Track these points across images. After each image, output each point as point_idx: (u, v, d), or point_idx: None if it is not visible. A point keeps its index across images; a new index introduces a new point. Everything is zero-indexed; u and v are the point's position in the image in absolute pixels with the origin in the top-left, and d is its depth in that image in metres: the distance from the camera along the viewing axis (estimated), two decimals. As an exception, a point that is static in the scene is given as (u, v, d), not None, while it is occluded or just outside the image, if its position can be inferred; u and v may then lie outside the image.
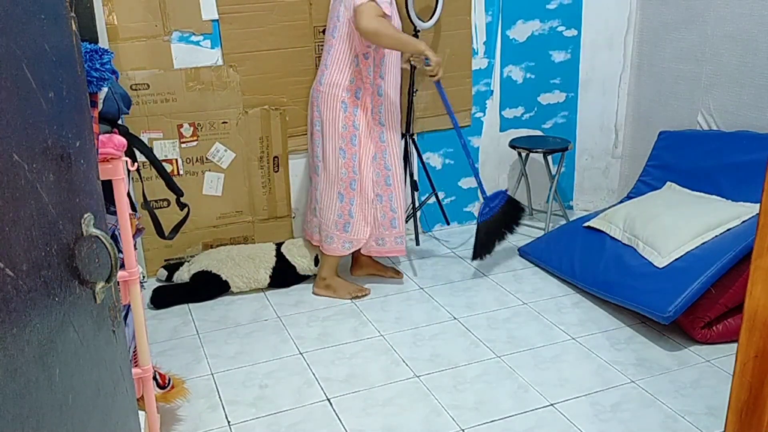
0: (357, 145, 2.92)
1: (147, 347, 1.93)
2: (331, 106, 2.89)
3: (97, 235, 1.09)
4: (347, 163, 2.94)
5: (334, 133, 2.91)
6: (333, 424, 2.25)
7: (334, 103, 2.89)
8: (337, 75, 2.88)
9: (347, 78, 2.87)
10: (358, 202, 2.99)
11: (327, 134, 2.93)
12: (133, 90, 3.03)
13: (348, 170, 2.95)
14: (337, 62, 2.88)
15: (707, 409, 2.27)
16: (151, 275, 3.28)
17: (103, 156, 1.68)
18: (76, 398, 1.01)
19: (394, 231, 3.09)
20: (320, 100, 2.92)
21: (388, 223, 3.07)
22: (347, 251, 3.07)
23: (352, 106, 2.89)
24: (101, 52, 1.77)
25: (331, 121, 2.91)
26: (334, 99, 2.88)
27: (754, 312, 1.37)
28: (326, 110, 2.91)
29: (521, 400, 2.35)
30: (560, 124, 3.90)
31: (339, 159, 2.94)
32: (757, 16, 3.04)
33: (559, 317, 2.89)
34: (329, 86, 2.89)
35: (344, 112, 2.89)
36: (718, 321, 2.64)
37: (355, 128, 2.91)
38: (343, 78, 2.87)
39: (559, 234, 3.43)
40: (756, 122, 3.11)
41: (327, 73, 2.90)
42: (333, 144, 2.93)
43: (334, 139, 2.92)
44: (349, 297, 3.09)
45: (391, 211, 3.06)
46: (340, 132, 2.90)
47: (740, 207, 2.87)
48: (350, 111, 2.89)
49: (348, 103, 2.88)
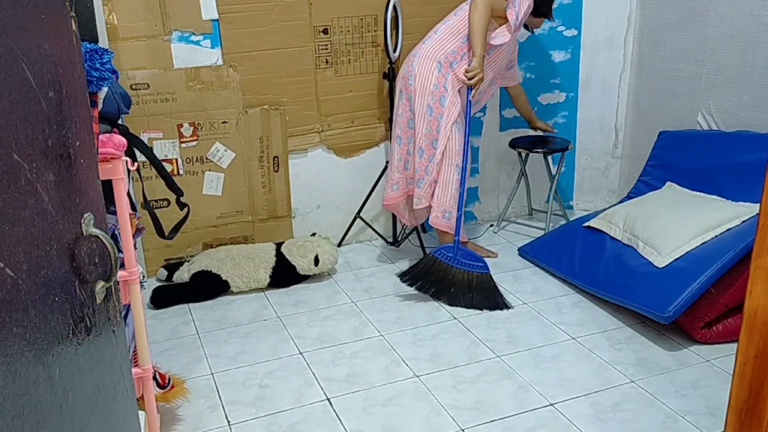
0: (444, 105, 3.07)
1: (147, 347, 1.93)
2: (427, 66, 3.08)
3: (97, 234, 1.09)
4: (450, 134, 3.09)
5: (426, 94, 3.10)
6: (333, 424, 2.25)
7: (430, 63, 3.08)
8: (440, 43, 3.10)
9: (451, 47, 3.08)
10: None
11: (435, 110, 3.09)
12: (133, 90, 3.03)
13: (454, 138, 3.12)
14: (448, 31, 3.11)
15: (707, 409, 2.27)
16: (151, 275, 3.29)
17: (103, 156, 1.68)
18: (76, 398, 1.01)
19: (418, 190, 3.19)
20: (417, 60, 3.10)
21: (457, 196, 3.16)
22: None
23: (445, 69, 3.07)
24: (101, 52, 1.77)
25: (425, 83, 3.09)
26: (431, 59, 3.08)
27: (754, 312, 1.37)
28: (419, 69, 3.10)
29: (521, 400, 2.35)
30: (560, 124, 3.90)
31: (428, 120, 3.10)
32: (757, 16, 3.04)
33: (559, 317, 2.89)
34: (425, 56, 3.10)
35: (438, 72, 3.06)
36: (718, 321, 2.64)
37: (445, 89, 3.07)
38: (447, 46, 3.08)
39: (559, 234, 3.43)
40: (756, 122, 3.11)
41: (434, 37, 3.13)
42: (422, 103, 3.10)
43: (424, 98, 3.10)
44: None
45: (461, 186, 3.18)
46: (431, 90, 3.07)
47: (740, 207, 2.86)
48: (443, 71, 3.06)
49: (442, 63, 3.06)
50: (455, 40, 3.08)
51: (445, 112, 3.07)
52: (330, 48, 3.35)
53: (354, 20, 3.35)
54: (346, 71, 3.41)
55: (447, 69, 3.07)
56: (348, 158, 3.56)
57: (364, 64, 3.43)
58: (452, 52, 3.08)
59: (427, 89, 3.07)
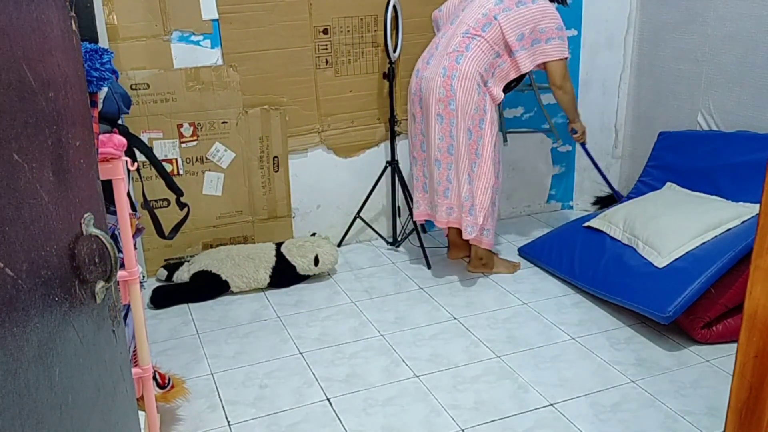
0: (483, 129, 3.02)
1: (147, 347, 1.93)
2: (468, 87, 2.97)
3: (97, 234, 1.09)
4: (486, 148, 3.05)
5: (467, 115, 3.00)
6: (333, 424, 2.25)
7: (471, 84, 2.96)
8: (473, 63, 2.96)
9: (484, 65, 2.98)
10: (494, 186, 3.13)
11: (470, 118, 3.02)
12: (133, 90, 3.03)
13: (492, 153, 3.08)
14: (479, 49, 2.96)
15: (707, 409, 2.27)
16: (151, 275, 3.29)
17: (103, 156, 1.68)
18: (75, 398, 1.01)
19: (470, 218, 3.11)
20: (457, 84, 2.96)
21: (493, 212, 3.16)
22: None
23: (483, 89, 3.00)
24: (101, 52, 1.77)
25: (466, 103, 3.00)
26: (471, 80, 2.96)
27: (754, 312, 1.37)
28: (461, 91, 2.98)
29: (521, 400, 2.35)
30: (560, 123, 3.90)
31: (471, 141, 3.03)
32: (757, 16, 3.04)
33: (559, 317, 2.89)
34: (463, 76, 2.96)
35: (478, 95, 2.97)
36: (717, 321, 2.63)
37: (485, 112, 3.01)
38: (480, 65, 2.97)
39: (559, 234, 3.42)
40: (756, 122, 3.11)
41: (467, 55, 2.96)
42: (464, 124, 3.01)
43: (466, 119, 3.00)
44: (510, 272, 3.29)
45: (496, 203, 3.17)
46: (471, 113, 3.00)
47: (740, 207, 2.86)
48: (483, 94, 3.00)
49: (480, 85, 2.99)
50: (487, 56, 2.96)
51: (486, 134, 3.01)
52: (330, 48, 3.35)
53: (354, 20, 3.35)
54: (346, 71, 3.41)
55: (484, 89, 2.99)
56: (348, 158, 3.56)
57: (364, 64, 3.43)
58: (485, 70, 2.98)
59: (468, 113, 2.98)
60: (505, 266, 3.31)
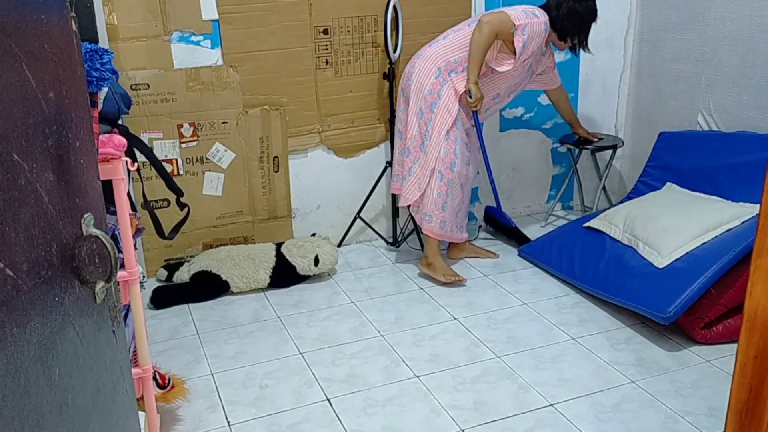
0: (435, 112, 3.05)
1: (147, 347, 1.93)
2: (426, 69, 3.06)
3: (97, 235, 1.09)
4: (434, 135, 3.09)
5: (420, 97, 3.09)
6: (333, 424, 2.25)
7: (430, 67, 3.06)
8: (448, 50, 3.06)
9: (455, 56, 3.05)
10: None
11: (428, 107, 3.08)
12: (133, 90, 3.03)
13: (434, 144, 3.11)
14: (457, 40, 3.07)
15: (707, 409, 2.27)
16: (151, 275, 3.29)
17: (103, 156, 1.68)
18: (76, 398, 1.01)
19: (443, 214, 3.18)
20: (419, 61, 3.09)
21: (440, 204, 3.16)
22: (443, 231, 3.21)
23: (443, 77, 3.04)
24: (101, 52, 1.77)
25: (420, 87, 3.08)
26: (432, 64, 3.06)
27: (754, 312, 1.37)
28: (418, 70, 3.08)
29: (521, 400, 2.35)
30: (560, 124, 3.90)
31: (420, 125, 3.10)
32: (757, 16, 3.04)
33: (559, 317, 2.89)
34: (428, 59, 3.07)
35: (434, 78, 3.05)
36: (718, 321, 2.64)
37: (438, 96, 3.04)
38: (452, 54, 3.05)
39: (559, 234, 3.42)
40: (756, 122, 3.11)
41: (441, 42, 3.09)
42: (416, 107, 3.09)
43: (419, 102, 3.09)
44: (443, 279, 3.18)
45: (446, 194, 3.16)
46: (425, 95, 3.06)
47: (740, 207, 2.86)
48: (440, 79, 3.04)
49: (442, 71, 3.03)
50: (461, 51, 3.05)
51: (436, 118, 3.06)
52: (330, 48, 3.35)
53: (354, 20, 3.35)
54: (347, 71, 3.41)
55: (445, 76, 3.05)
56: (348, 158, 3.56)
57: (364, 65, 3.43)
58: (455, 61, 3.05)
59: (422, 93, 3.07)
60: (443, 273, 3.18)
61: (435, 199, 3.14)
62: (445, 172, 3.10)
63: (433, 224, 3.18)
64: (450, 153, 3.08)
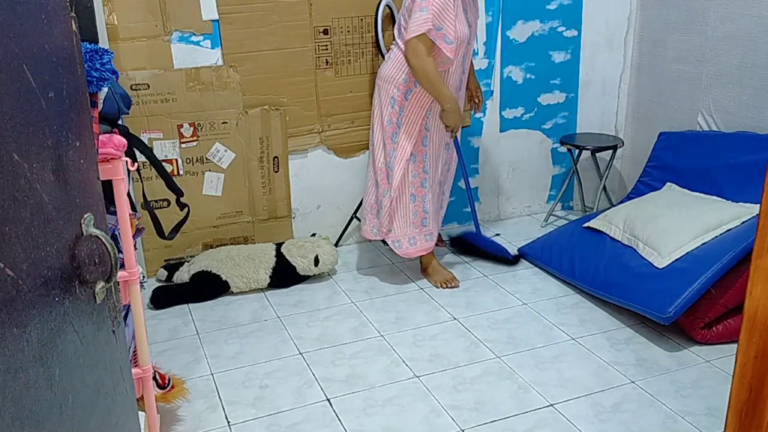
0: (396, 142, 2.96)
1: (147, 347, 1.93)
2: (384, 97, 2.96)
3: (97, 235, 1.09)
4: (389, 160, 3.01)
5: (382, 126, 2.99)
6: (333, 425, 2.25)
7: (386, 97, 2.95)
8: (393, 71, 2.91)
9: (402, 75, 2.89)
10: None
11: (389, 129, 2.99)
12: (133, 90, 3.03)
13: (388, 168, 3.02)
14: (396, 59, 2.90)
15: (707, 409, 2.27)
16: (151, 275, 3.28)
17: (103, 156, 1.68)
18: (75, 398, 1.01)
19: (424, 229, 3.12)
20: (379, 83, 2.99)
21: (419, 221, 3.09)
22: (431, 243, 3.16)
23: (399, 104, 2.93)
24: (101, 52, 1.77)
25: (380, 115, 2.99)
26: (387, 93, 2.94)
27: (754, 312, 1.37)
28: (378, 98, 2.99)
29: (521, 400, 2.35)
30: (560, 124, 3.90)
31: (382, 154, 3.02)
32: (757, 16, 3.04)
33: (559, 317, 2.89)
34: (384, 80, 2.96)
35: (391, 108, 2.93)
36: (718, 321, 2.64)
37: (398, 126, 2.95)
38: (399, 74, 2.90)
39: (559, 234, 3.42)
40: (756, 122, 3.11)
41: (385, 68, 2.96)
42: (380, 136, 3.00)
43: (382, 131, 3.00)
44: (438, 285, 3.17)
45: (423, 211, 3.08)
46: (384, 126, 2.97)
47: (740, 207, 2.87)
48: (396, 108, 2.93)
49: (396, 100, 2.92)
50: (404, 66, 2.85)
51: (397, 147, 2.95)
52: (330, 48, 3.35)
53: (354, 21, 3.35)
54: (346, 72, 3.41)
55: (402, 102, 2.91)
56: (348, 159, 3.56)
57: (364, 65, 3.43)
58: (404, 81, 2.88)
59: (382, 123, 2.97)
60: (438, 281, 3.19)
61: (412, 220, 3.08)
62: (417, 192, 3.05)
63: (404, 247, 3.12)
64: (419, 173, 3.02)
